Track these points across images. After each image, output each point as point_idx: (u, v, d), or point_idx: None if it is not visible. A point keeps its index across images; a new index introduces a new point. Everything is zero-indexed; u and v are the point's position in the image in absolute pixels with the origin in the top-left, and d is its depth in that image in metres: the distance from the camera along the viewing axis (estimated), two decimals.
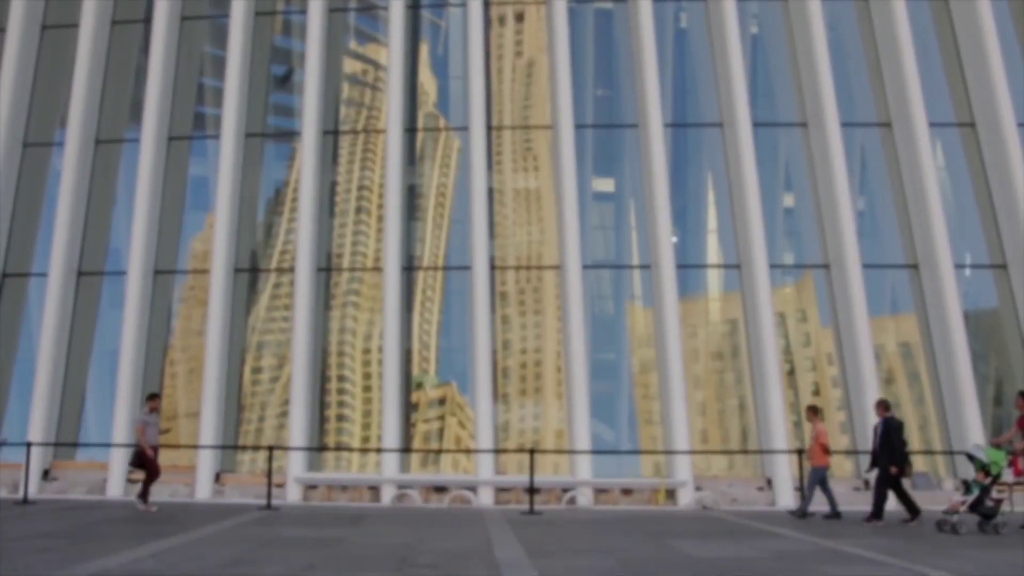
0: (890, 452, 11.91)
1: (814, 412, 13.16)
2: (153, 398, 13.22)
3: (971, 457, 10.96)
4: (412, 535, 9.93)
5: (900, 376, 16.32)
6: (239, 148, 17.15)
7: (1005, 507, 11.01)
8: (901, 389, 16.28)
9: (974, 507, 10.64)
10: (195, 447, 15.46)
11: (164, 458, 16.39)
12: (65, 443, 16.26)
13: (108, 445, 15.57)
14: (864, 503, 14.58)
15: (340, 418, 16.46)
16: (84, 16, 17.67)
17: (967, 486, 10.84)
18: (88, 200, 17.43)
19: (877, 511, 11.89)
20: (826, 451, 12.74)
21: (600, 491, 15.00)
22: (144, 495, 12.86)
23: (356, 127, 18.16)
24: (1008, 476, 10.81)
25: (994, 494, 10.70)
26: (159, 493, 15.39)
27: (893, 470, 11.83)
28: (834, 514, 12.57)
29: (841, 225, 15.72)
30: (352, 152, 17.93)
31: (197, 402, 16.02)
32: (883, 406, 12.38)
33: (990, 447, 11.07)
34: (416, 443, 16.22)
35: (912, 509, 11.88)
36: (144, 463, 12.90)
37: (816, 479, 12.73)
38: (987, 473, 10.67)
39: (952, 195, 16.97)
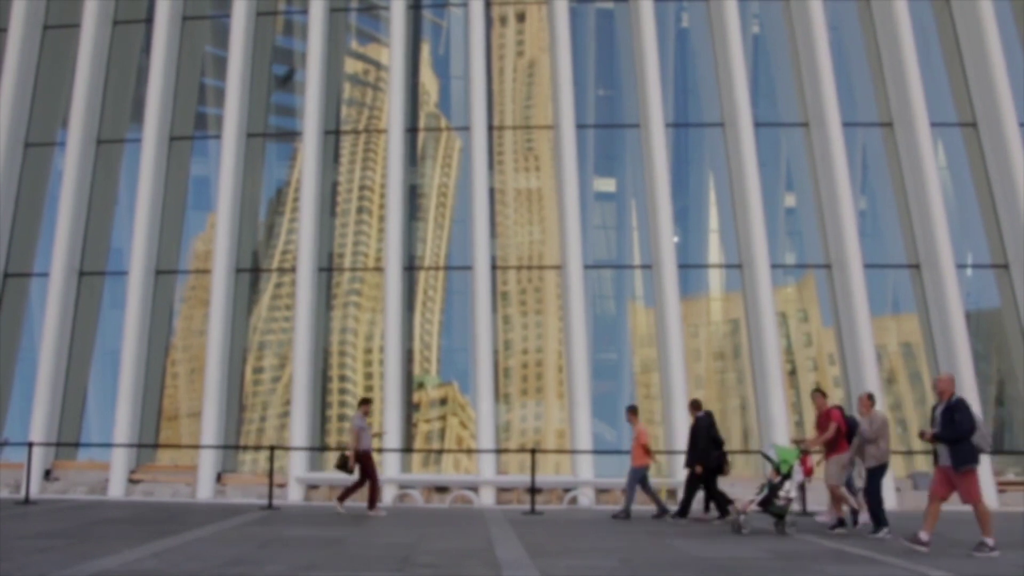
0: (694, 451, 11.92)
1: (633, 413, 12.88)
2: (366, 403, 12.86)
3: (766, 456, 10.84)
4: (413, 535, 9.93)
5: (902, 376, 16.32)
6: (240, 148, 17.16)
7: (795, 507, 10.83)
8: (903, 389, 16.27)
9: (764, 506, 10.45)
10: (197, 447, 15.47)
11: (166, 458, 16.45)
12: (66, 443, 16.27)
13: (109, 445, 15.58)
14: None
15: (342, 418, 16.46)
16: (85, 16, 17.68)
17: (762, 486, 10.70)
18: (89, 200, 17.44)
19: (683, 509, 11.94)
20: (647, 451, 12.54)
21: (602, 491, 14.99)
22: (344, 497, 12.56)
23: (357, 127, 18.17)
24: (798, 475, 10.66)
25: (786, 493, 10.50)
26: (160, 493, 15.40)
27: (698, 469, 11.84)
28: (661, 512, 12.37)
29: (843, 225, 15.72)
30: (353, 152, 17.93)
31: (199, 402, 16.03)
32: (694, 406, 12.43)
33: (780, 446, 10.92)
34: (417, 443, 16.22)
35: (722, 508, 11.89)
36: (348, 467, 12.44)
37: (635, 479, 12.52)
38: (778, 471, 10.50)
39: (954, 195, 16.95)
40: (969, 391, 14.75)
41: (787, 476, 10.47)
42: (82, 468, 16.08)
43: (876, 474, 10.23)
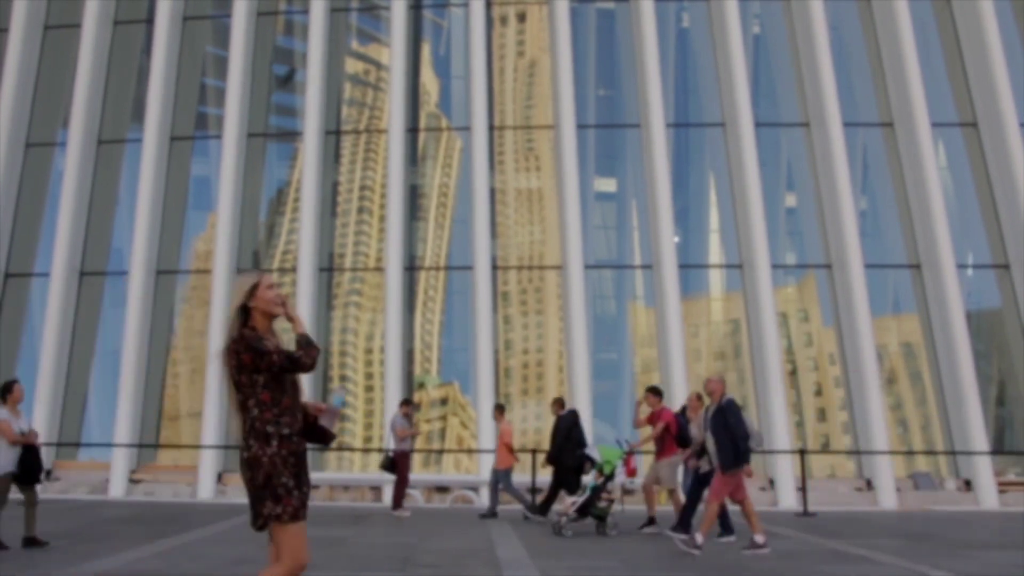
0: (556, 449, 11.70)
1: (500, 411, 12.75)
2: (407, 403, 12.87)
3: (588, 457, 10.60)
4: (414, 535, 9.94)
5: (902, 376, 16.31)
6: (241, 148, 17.16)
7: (616, 507, 10.51)
8: (903, 389, 16.27)
9: (586, 508, 10.13)
10: (197, 447, 15.48)
11: (167, 458, 16.44)
12: (67, 443, 16.28)
13: (110, 445, 15.58)
14: (867, 504, 14.60)
15: (342, 418, 16.47)
16: (86, 16, 17.69)
17: (583, 487, 10.39)
18: (90, 200, 17.45)
19: (544, 506, 11.84)
20: (510, 451, 12.40)
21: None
22: (400, 501, 12.56)
23: (358, 127, 18.17)
24: (621, 476, 10.44)
25: (608, 494, 10.24)
26: (161, 494, 15.42)
27: (548, 466, 11.67)
28: (531, 510, 12.14)
29: (843, 225, 15.72)
30: (354, 152, 17.94)
31: (199, 402, 16.04)
32: (557, 403, 12.31)
33: (604, 446, 10.69)
34: (418, 443, 16.21)
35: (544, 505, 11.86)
36: (397, 467, 12.52)
37: (499, 479, 12.42)
38: (601, 472, 10.22)
39: (954, 195, 16.95)
40: (970, 391, 14.76)
41: (610, 477, 10.21)
42: (83, 468, 16.09)
43: (707, 478, 9.82)
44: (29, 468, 8.62)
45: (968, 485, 14.91)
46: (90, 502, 14.23)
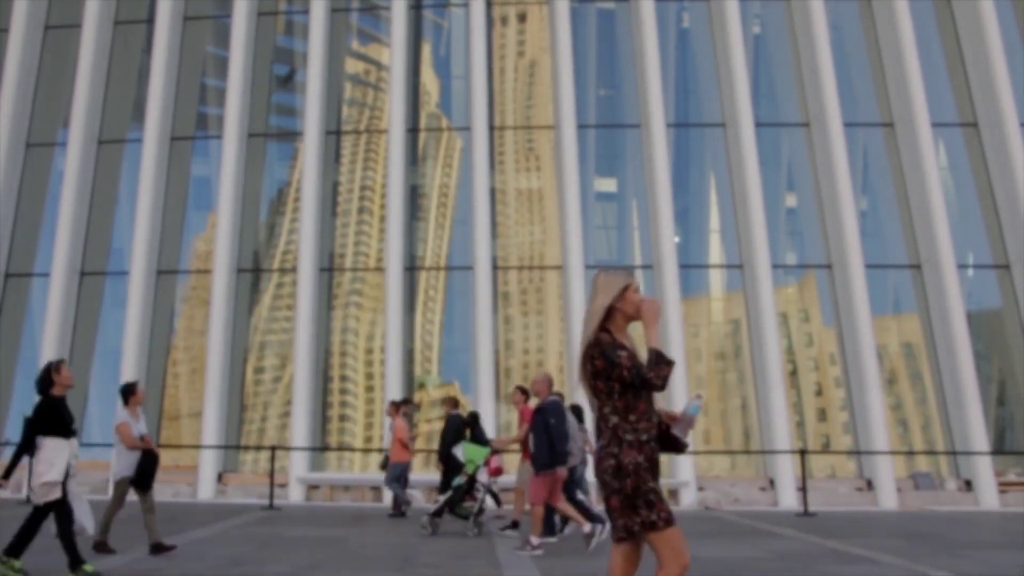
0: (442, 448, 12.00)
1: (395, 407, 12.71)
2: (406, 403, 12.90)
3: (454, 456, 10.59)
4: (414, 535, 9.93)
5: (903, 376, 16.31)
6: (242, 148, 17.16)
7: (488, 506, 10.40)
8: (904, 389, 16.27)
9: (451, 507, 10.04)
10: (198, 447, 15.48)
11: (167, 458, 16.46)
12: None
13: (110, 445, 15.56)
14: (867, 504, 14.60)
15: (342, 418, 16.46)
16: (87, 16, 17.68)
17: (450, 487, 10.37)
18: (91, 200, 17.44)
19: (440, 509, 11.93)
20: (404, 446, 12.40)
21: None
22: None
23: (358, 127, 18.17)
24: (483, 475, 10.35)
25: (478, 493, 10.17)
26: (161, 494, 15.40)
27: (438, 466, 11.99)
28: (398, 513, 12.34)
29: (844, 225, 15.71)
30: (354, 152, 17.94)
31: (199, 402, 16.04)
32: (450, 402, 12.51)
33: (469, 445, 10.57)
34: (418, 443, 16.21)
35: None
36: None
37: (393, 475, 12.42)
38: (465, 472, 10.14)
39: (955, 195, 16.95)
40: (970, 391, 14.76)
41: (473, 476, 10.10)
42: (83, 468, 15.95)
43: (571, 474, 9.50)
44: (144, 473, 8.52)
45: (968, 485, 14.91)
46: (91, 502, 14.19)
